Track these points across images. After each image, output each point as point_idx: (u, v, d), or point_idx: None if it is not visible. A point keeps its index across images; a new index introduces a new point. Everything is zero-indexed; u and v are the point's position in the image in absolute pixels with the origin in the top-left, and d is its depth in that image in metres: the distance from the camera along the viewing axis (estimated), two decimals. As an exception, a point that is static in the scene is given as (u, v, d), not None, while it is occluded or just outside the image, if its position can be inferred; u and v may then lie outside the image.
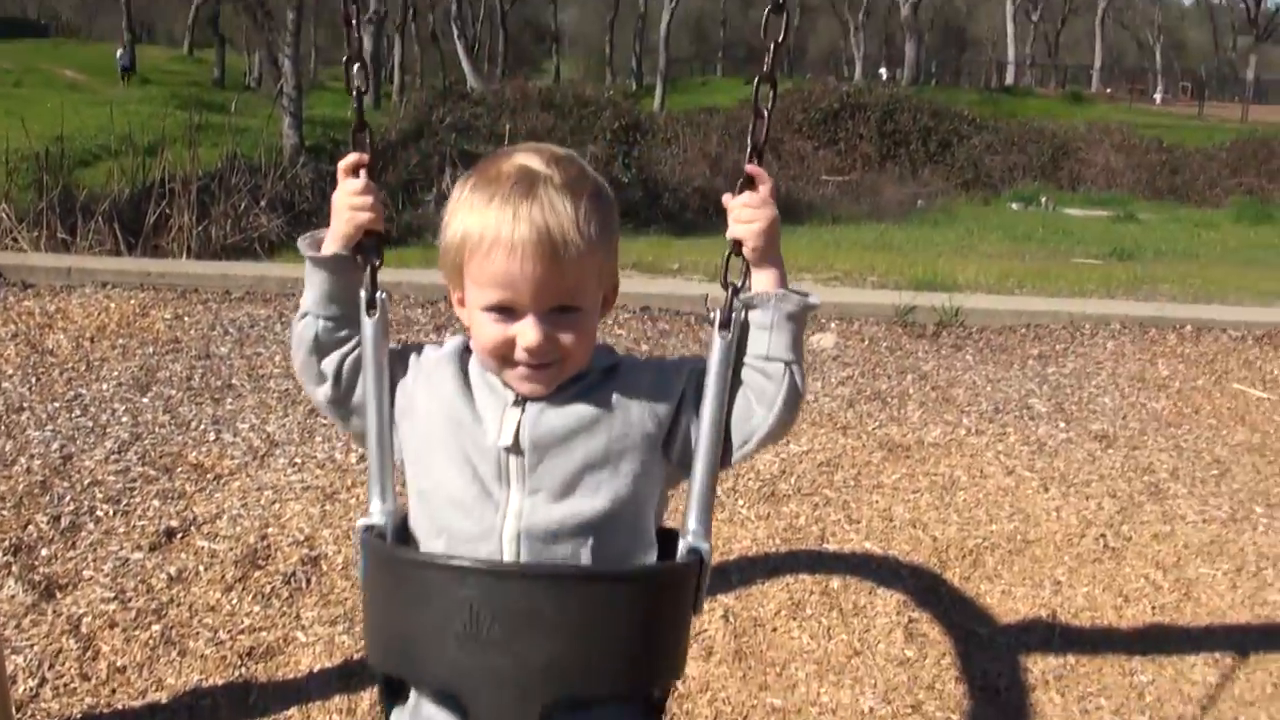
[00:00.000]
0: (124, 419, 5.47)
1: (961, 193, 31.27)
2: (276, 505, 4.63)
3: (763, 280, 1.95)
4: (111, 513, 4.49)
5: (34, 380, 5.94)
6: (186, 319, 7.07)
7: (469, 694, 1.72)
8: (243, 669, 3.55)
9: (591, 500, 1.82)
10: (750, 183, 1.98)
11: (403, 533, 1.89)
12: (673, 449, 1.91)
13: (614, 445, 1.85)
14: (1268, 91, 68.83)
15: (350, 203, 1.96)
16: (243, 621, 3.79)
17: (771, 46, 2.03)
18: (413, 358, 1.98)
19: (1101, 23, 73.48)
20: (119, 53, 49.98)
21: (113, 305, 7.18)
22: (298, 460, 5.09)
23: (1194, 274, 11.67)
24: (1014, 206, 28.11)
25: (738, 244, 1.95)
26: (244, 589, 3.99)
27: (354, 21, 2.12)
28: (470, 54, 48.61)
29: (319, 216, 19.03)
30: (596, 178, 1.88)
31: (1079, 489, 5.39)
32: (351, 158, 1.99)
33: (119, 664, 3.54)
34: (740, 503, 4.97)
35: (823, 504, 5.02)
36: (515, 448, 1.82)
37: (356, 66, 2.10)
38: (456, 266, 1.84)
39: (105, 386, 5.90)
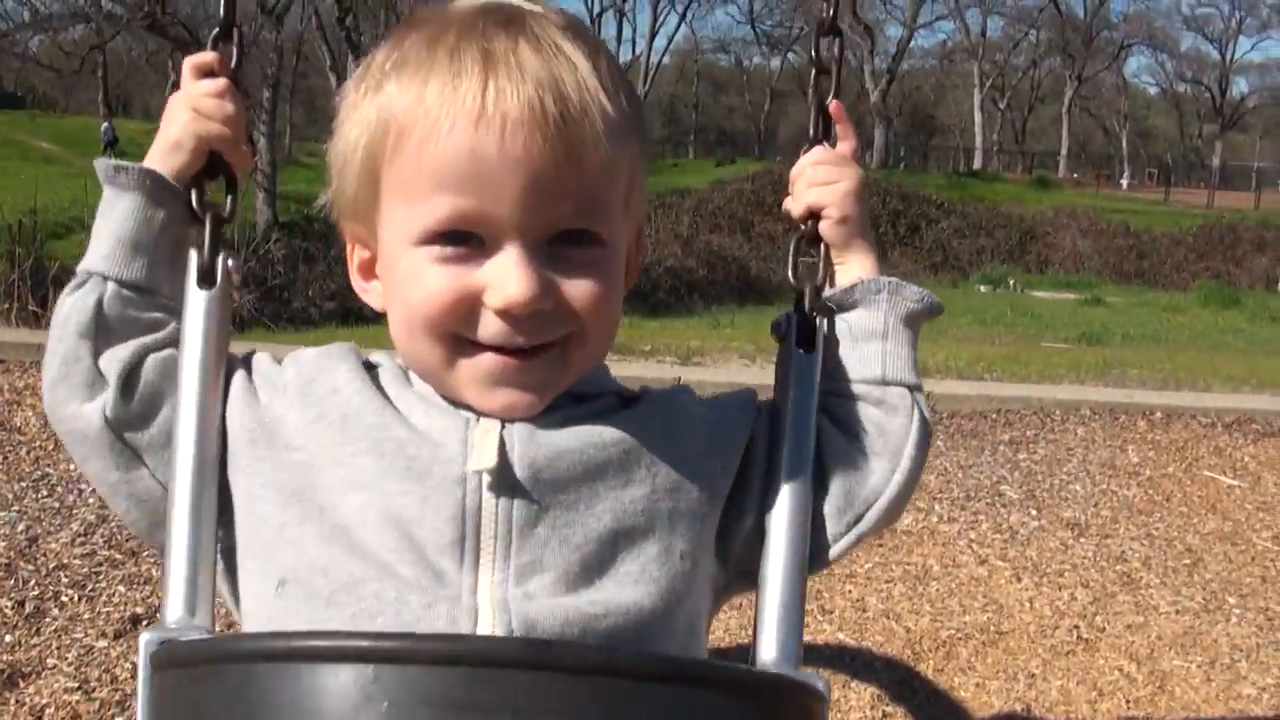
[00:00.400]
0: (90, 500, 5.39)
1: (930, 275, 31.57)
2: (244, 591, 4.56)
3: (856, 269, 1.39)
4: (76, 598, 4.42)
5: (0, 459, 5.87)
6: (156, 398, 7.02)
7: None
8: (207, 763, 3.47)
9: (631, 592, 1.08)
10: (823, 137, 1.41)
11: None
12: (734, 534, 1.21)
13: (660, 504, 1.12)
14: (1233, 178, 70.07)
15: (196, 103, 1.26)
16: (208, 713, 3.72)
17: None
18: (264, 366, 1.22)
19: (1068, 110, 74.71)
20: (104, 127, 50.03)
21: (81, 383, 7.13)
22: (267, 545, 5.03)
23: (1163, 359, 11.77)
24: (982, 289, 28.37)
25: (813, 216, 1.39)
26: (210, 679, 3.91)
27: None
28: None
29: (290, 291, 19.06)
30: (601, 41, 1.19)
31: (1052, 579, 5.38)
32: (205, 55, 1.33)
33: (81, 760, 3.46)
34: (713, 591, 4.93)
35: (796, 593, 4.98)
36: (499, 480, 1.05)
37: None
38: (367, 180, 1.10)
39: (72, 466, 5.82)
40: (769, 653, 1.20)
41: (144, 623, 4.27)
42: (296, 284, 19.64)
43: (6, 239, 15.53)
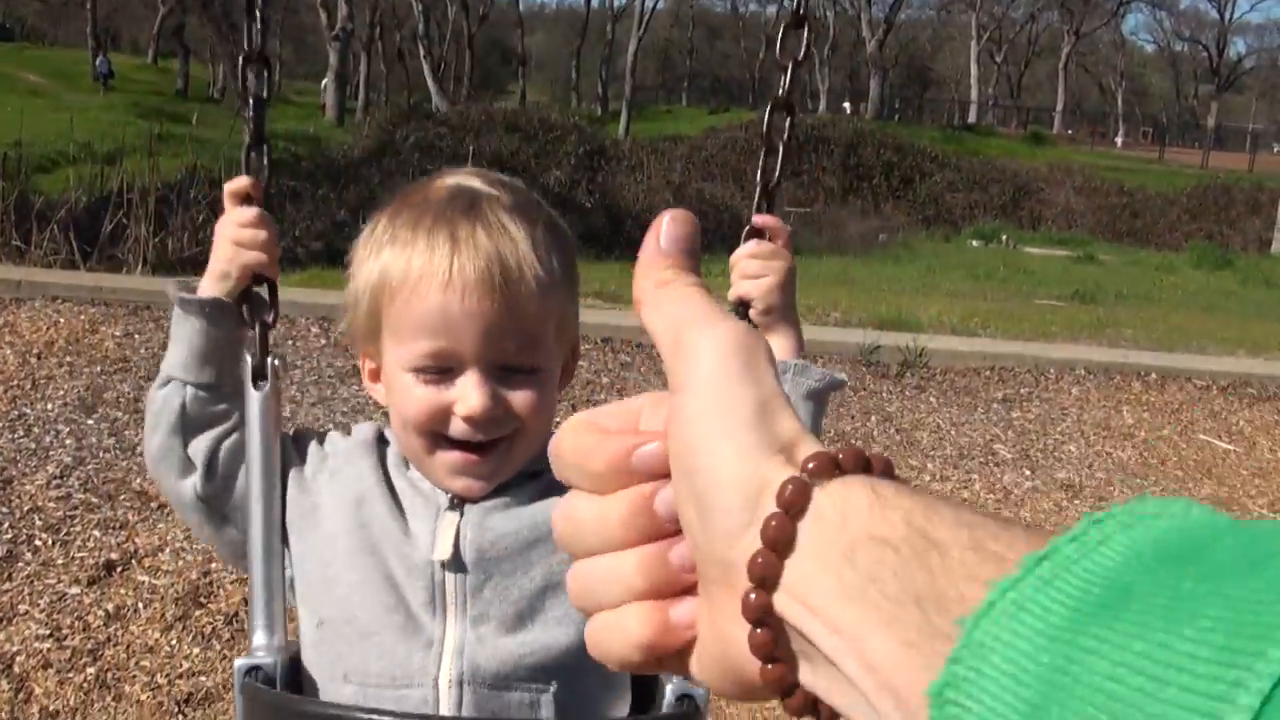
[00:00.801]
0: (68, 441, 5.29)
1: (923, 228, 31.35)
2: (222, 538, 4.46)
3: (781, 347, 1.61)
4: (50, 543, 4.31)
5: (-25, 397, 5.75)
6: (137, 337, 6.88)
7: None
8: (179, 716, 3.37)
9: (554, 632, 1.39)
10: (759, 231, 1.65)
11: (294, 676, 1.45)
12: None
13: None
14: (1227, 139, 69.83)
15: (235, 236, 1.52)
16: (181, 664, 3.62)
17: (790, 66, 1.61)
18: (312, 448, 1.53)
19: (1065, 66, 74.30)
20: (98, 60, 49.40)
21: (62, 320, 6.99)
22: (246, 490, 4.92)
23: (1157, 319, 11.67)
24: (974, 244, 28.20)
25: (743, 304, 1.61)
26: (184, 629, 3.81)
27: (255, 10, 1.66)
28: (436, 73, 48.46)
29: (281, 229, 18.90)
30: (548, 210, 1.51)
31: (1045, 540, 5.31)
32: (241, 181, 1.57)
33: (52, 708, 3.36)
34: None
35: (786, 550, 4.90)
36: (454, 562, 1.39)
37: (250, 65, 1.67)
38: (372, 319, 1.42)
39: (50, 406, 5.71)
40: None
41: (118, 569, 4.16)
42: (283, 223, 19.28)
43: (-9, 172, 15.30)
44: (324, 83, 45.75)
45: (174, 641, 3.74)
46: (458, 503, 1.43)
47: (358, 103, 48.69)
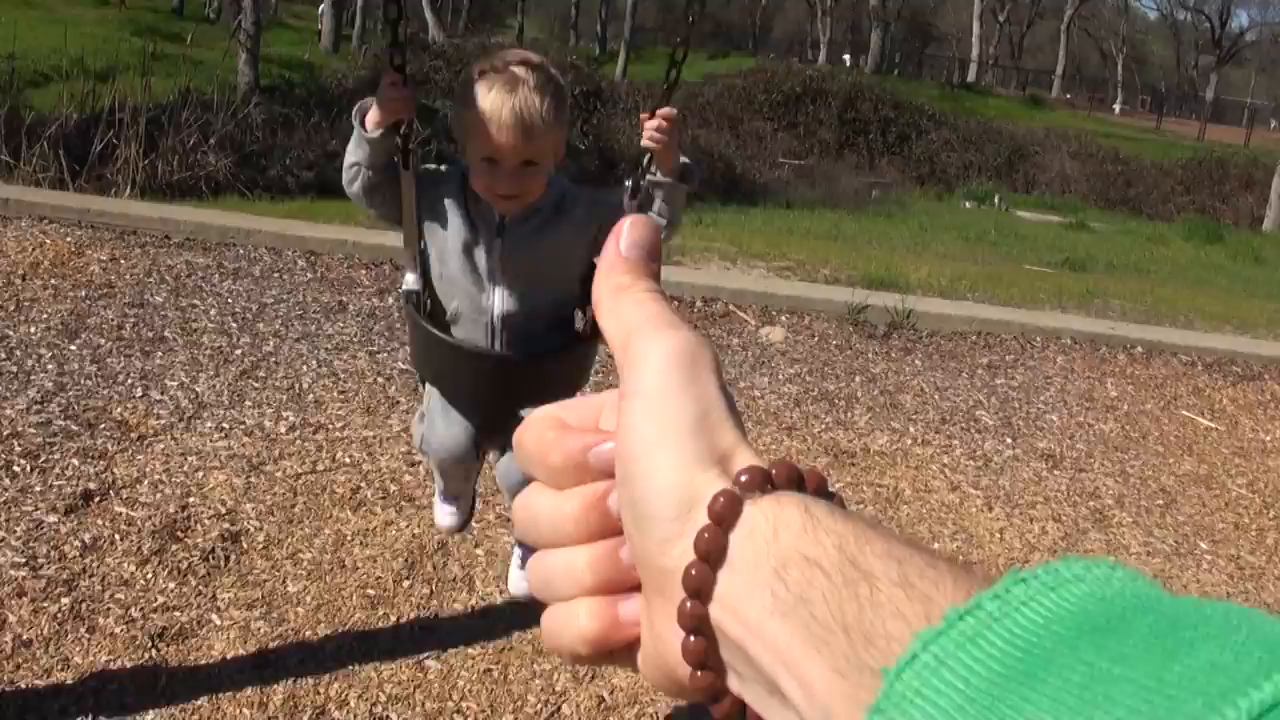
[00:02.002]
0: (49, 366, 5.25)
1: (916, 186, 31.26)
2: (200, 473, 4.44)
3: (661, 171, 2.76)
4: (29, 469, 4.28)
5: (-43, 317, 5.69)
6: (123, 262, 6.83)
7: (478, 407, 2.90)
8: (153, 651, 3.36)
9: (540, 296, 2.77)
10: (657, 112, 2.71)
11: (425, 294, 2.82)
12: (598, 247, 2.65)
13: (562, 253, 2.76)
14: (1225, 112, 69.54)
15: (389, 95, 2.62)
16: (156, 599, 3.60)
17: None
18: (438, 183, 2.77)
19: (1067, 29, 73.79)
20: None
21: (48, 241, 6.93)
22: (225, 425, 4.89)
23: (1146, 291, 11.65)
24: (967, 204, 28.12)
25: (650, 155, 2.73)
26: (160, 563, 3.79)
27: None
28: (434, 4, 47.94)
29: (269, 158, 18.69)
30: (558, 79, 2.66)
31: (1023, 510, 5.32)
32: (395, 89, 2.63)
33: (25, 637, 3.34)
34: (681, 502, 4.83)
35: (765, 509, 4.90)
36: (500, 261, 2.72)
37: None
38: (462, 131, 2.65)
39: (33, 329, 5.66)
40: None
41: (96, 499, 4.14)
42: (274, 151, 19.10)
43: (-18, 84, 15.12)
44: (320, 8, 45.18)
45: (149, 575, 3.72)
46: (501, 226, 2.72)
47: (354, 30, 48.18)
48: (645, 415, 0.55)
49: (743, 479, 0.52)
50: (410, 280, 2.80)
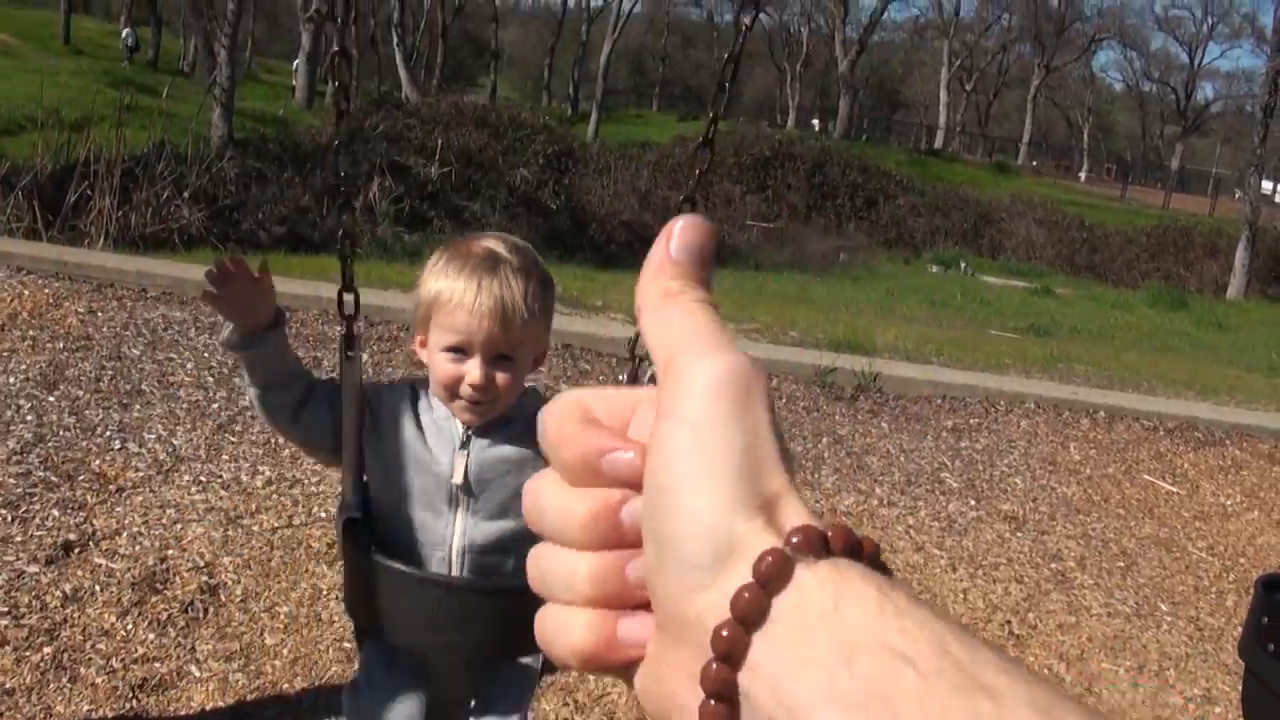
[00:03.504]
0: (29, 418, 5.30)
1: (884, 250, 31.58)
2: (178, 526, 4.49)
3: None
4: (10, 519, 4.32)
5: (-65, 367, 5.74)
6: (100, 314, 6.88)
7: (430, 656, 2.37)
8: (134, 701, 3.41)
9: (515, 522, 2.32)
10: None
11: (367, 514, 2.38)
12: None
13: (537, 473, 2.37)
14: (1190, 181, 70.59)
15: (217, 296, 2.26)
16: (136, 650, 3.65)
17: (697, 174, 2.10)
18: (384, 395, 2.40)
19: (1033, 99, 74.89)
20: (124, 33, 48.58)
21: (26, 293, 6.98)
22: (202, 479, 4.95)
23: (1109, 357, 11.85)
24: (934, 269, 28.45)
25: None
26: (139, 614, 3.85)
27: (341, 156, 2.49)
28: (408, 63, 48.29)
29: (242, 212, 18.75)
30: (543, 267, 2.35)
31: (987, 571, 5.42)
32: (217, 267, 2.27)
33: (8, 686, 3.38)
34: (653, 560, 4.91)
35: (735, 568, 4.98)
36: (464, 485, 2.31)
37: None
38: (426, 316, 2.28)
39: (12, 380, 5.71)
40: None
41: (76, 550, 4.19)
42: (247, 205, 19.19)
43: (-44, 134, 15.16)
44: (295, 64, 45.47)
45: (130, 626, 3.77)
46: (466, 440, 2.31)
47: (327, 86, 48.43)
48: (687, 445, 0.50)
49: (795, 539, 0.47)
50: (352, 506, 2.37)
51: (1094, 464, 7.28)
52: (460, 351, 2.23)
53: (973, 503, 6.32)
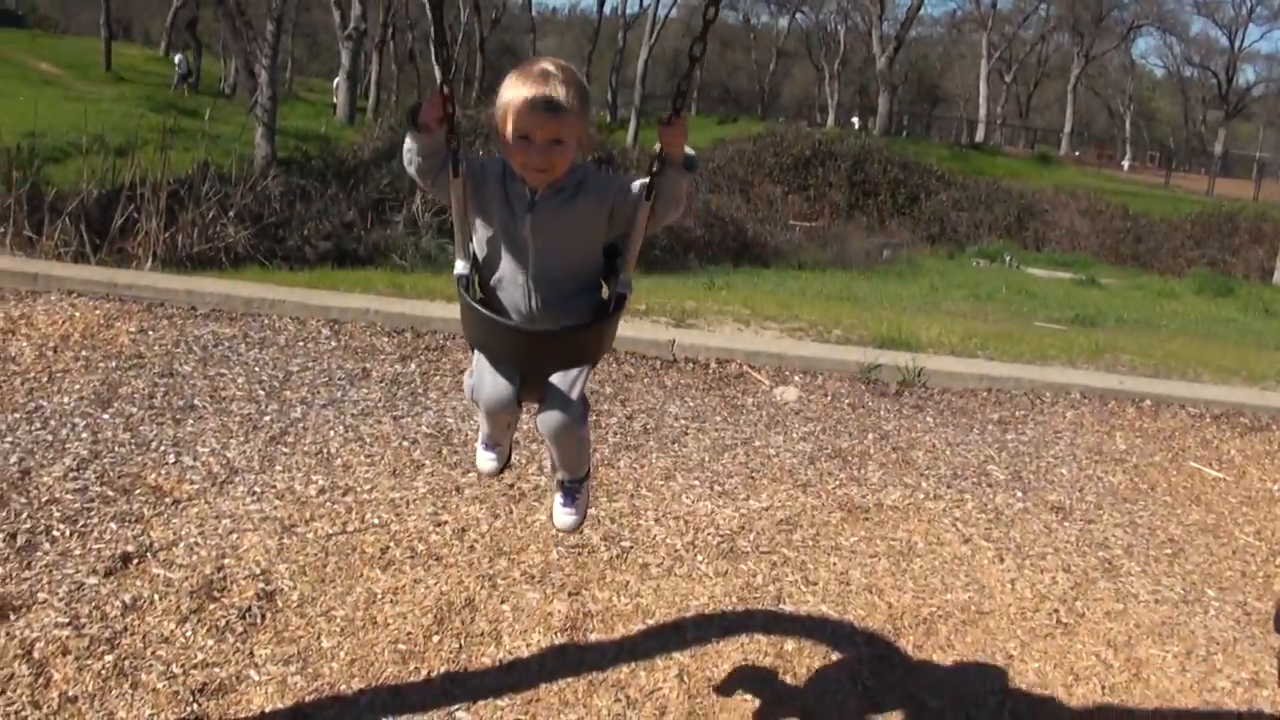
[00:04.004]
0: (84, 435, 5.42)
1: (927, 246, 31.51)
2: (234, 535, 4.59)
3: (672, 161, 3.06)
4: (68, 533, 4.43)
5: (-6, 389, 5.87)
6: (151, 333, 7.01)
7: (517, 366, 3.23)
8: (194, 705, 3.50)
9: (572, 255, 3.18)
10: (673, 118, 3.02)
11: (473, 274, 3.23)
12: (614, 225, 3.18)
13: (583, 224, 3.14)
14: (1234, 166, 69.87)
15: (433, 114, 3.02)
16: (196, 655, 3.75)
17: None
18: (481, 170, 3.13)
19: (1074, 88, 74.44)
20: (177, 59, 49.23)
21: (78, 314, 7.12)
22: (257, 489, 5.05)
23: (1155, 345, 11.78)
24: (978, 263, 28.33)
25: (664, 151, 3.04)
26: (198, 621, 3.94)
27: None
28: (447, 75, 48.60)
29: (287, 229, 18.95)
30: (582, 78, 3.07)
31: (1034, 561, 5.43)
32: (437, 98, 3.02)
33: (71, 694, 3.48)
34: (699, 558, 4.97)
35: (780, 563, 5.03)
36: (533, 234, 3.09)
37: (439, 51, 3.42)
38: (503, 116, 3.01)
39: (66, 400, 5.84)
40: (621, 273, 3.23)
41: (134, 561, 4.29)
42: (292, 222, 19.39)
43: (4, 161, 15.42)
44: (336, 81, 45.89)
45: (189, 633, 3.87)
46: (532, 202, 3.08)
47: (368, 102, 48.83)
48: None
49: None
50: (460, 266, 3.23)
51: (1140, 452, 7.26)
52: (525, 138, 2.98)
53: (1019, 494, 6.32)
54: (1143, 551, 5.75)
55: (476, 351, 3.33)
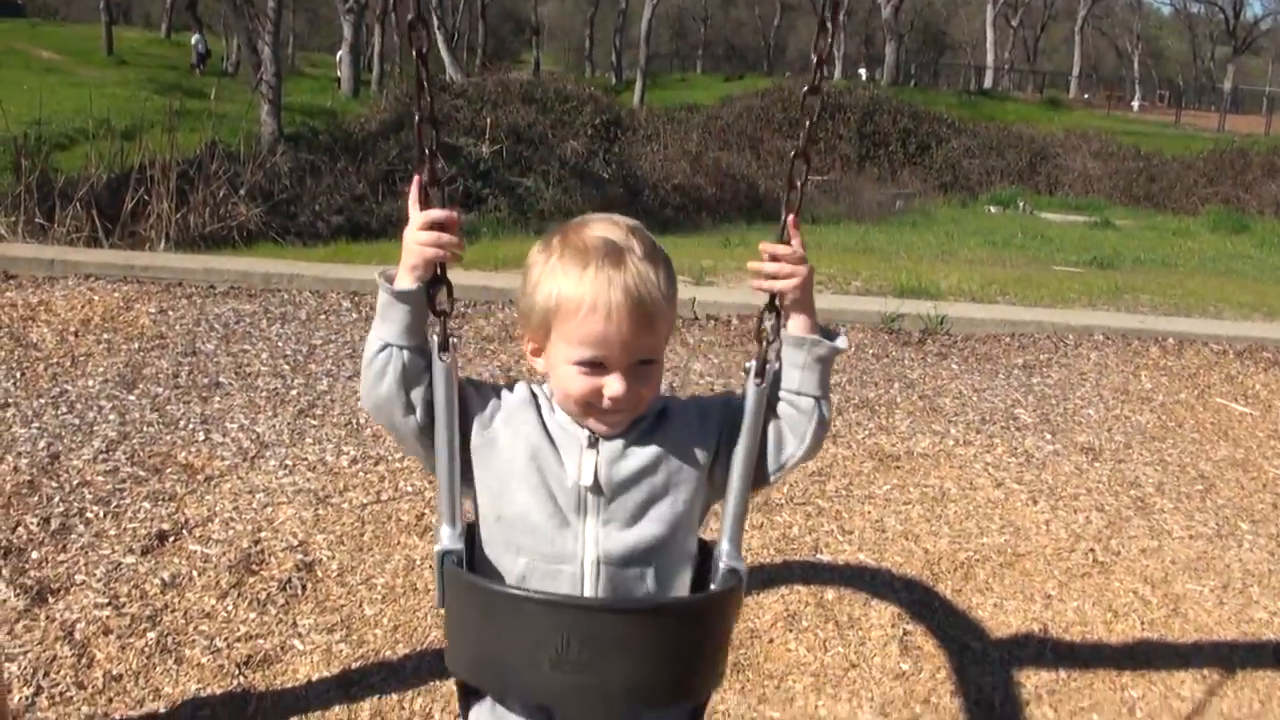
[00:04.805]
0: (111, 417, 5.43)
1: (939, 195, 31.34)
2: (269, 509, 4.60)
3: (798, 325, 2.11)
4: (102, 514, 4.45)
5: (19, 375, 5.88)
6: (171, 313, 7.02)
7: (560, 708, 1.96)
8: (240, 678, 3.52)
9: (655, 527, 2.01)
10: (787, 232, 2.10)
11: (470, 551, 2.04)
12: (715, 477, 2.09)
13: (672, 479, 2.04)
14: (1244, 101, 69.28)
15: (418, 238, 1.99)
16: (239, 629, 3.77)
17: (807, 123, 2.12)
18: (493, 397, 2.09)
19: (1081, 30, 73.87)
20: (195, 39, 49.06)
21: (96, 298, 7.13)
22: (288, 462, 5.06)
23: (1173, 284, 11.72)
24: (992, 209, 28.19)
25: (775, 295, 2.09)
26: (239, 595, 3.96)
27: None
28: (450, 44, 48.40)
29: (298, 205, 18.95)
30: (659, 246, 2.04)
31: (1067, 502, 5.42)
32: (416, 184, 2.03)
33: (115, 672, 3.50)
34: (733, 512, 4.96)
35: (815, 514, 5.03)
36: (594, 486, 1.99)
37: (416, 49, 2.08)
38: (544, 325, 1.98)
39: (91, 383, 5.85)
40: (724, 541, 2.06)
41: (170, 539, 4.31)
42: (303, 197, 19.43)
43: (11, 150, 15.43)
44: (338, 55, 45.75)
45: (230, 607, 3.88)
46: (594, 441, 2.01)
47: (372, 74, 48.70)
48: None
49: None
50: (446, 537, 2.01)
51: (1166, 391, 7.23)
52: (596, 366, 1.94)
53: (1048, 436, 6.30)
54: (1174, 489, 5.73)
55: (459, 685, 2.14)
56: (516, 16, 79.44)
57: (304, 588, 4.04)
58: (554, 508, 1.99)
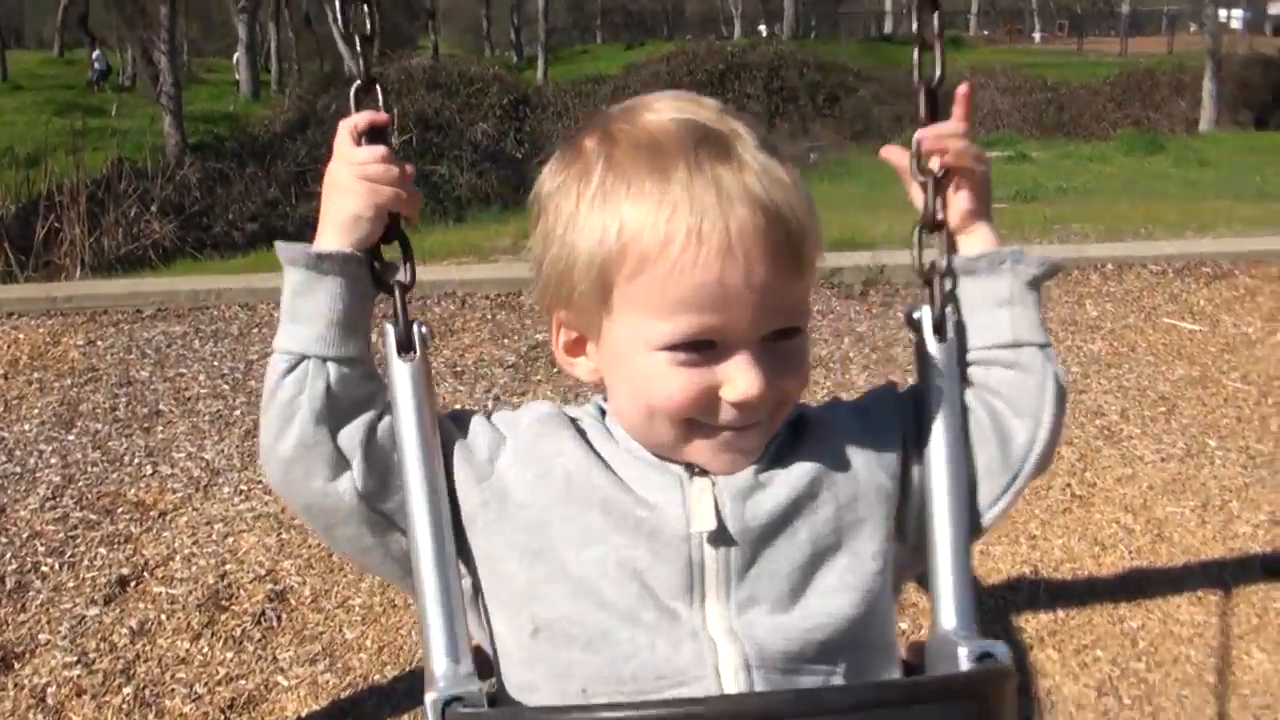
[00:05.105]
0: (53, 461, 5.22)
1: (854, 144, 31.42)
2: (230, 539, 4.44)
3: (979, 240, 1.41)
4: (57, 566, 4.27)
5: (-50, 425, 5.66)
6: (100, 343, 6.79)
7: None
8: (226, 722, 3.39)
9: (839, 600, 1.21)
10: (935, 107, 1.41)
11: (490, 685, 1.25)
12: (906, 512, 1.31)
13: (844, 517, 1.25)
14: (1144, 23, 70.09)
15: (364, 172, 1.28)
16: (217, 671, 3.62)
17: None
18: (484, 428, 1.29)
19: (974, -36, 74.30)
20: (94, 55, 47.76)
21: (21, 336, 6.88)
22: (243, 488, 4.89)
23: (1101, 211, 11.79)
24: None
25: (941, 197, 1.41)
26: (212, 635, 3.81)
27: None
28: (345, 35, 47.83)
29: (210, 216, 18.61)
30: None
31: (1035, 441, 5.39)
32: (363, 116, 1.34)
33: (94, 732, 3.35)
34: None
35: (787, 482, 4.95)
36: (718, 535, 1.18)
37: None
38: (600, 288, 1.18)
39: (27, 427, 5.63)
40: (949, 621, 1.27)
41: (132, 583, 4.14)
42: (215, 208, 19.08)
43: (-93, 185, 15.02)
44: (235, 57, 44.96)
45: (205, 649, 3.74)
46: (700, 469, 1.22)
47: (271, 74, 47.97)
48: None
49: None
50: (450, 675, 1.20)
51: (1113, 317, 7.23)
52: (702, 346, 1.17)
53: (1004, 376, 6.28)
54: (1138, 413, 5.73)
55: None
56: (409, 2, 78.61)
57: (279, 619, 3.90)
58: (641, 588, 1.18)
